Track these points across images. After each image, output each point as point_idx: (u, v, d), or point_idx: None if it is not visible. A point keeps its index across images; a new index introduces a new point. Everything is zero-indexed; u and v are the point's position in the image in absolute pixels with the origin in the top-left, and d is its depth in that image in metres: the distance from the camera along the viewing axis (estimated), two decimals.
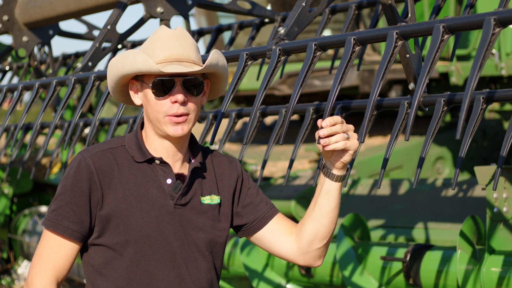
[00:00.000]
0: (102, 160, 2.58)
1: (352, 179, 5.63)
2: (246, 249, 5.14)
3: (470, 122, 2.89)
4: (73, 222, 2.55)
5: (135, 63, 2.54)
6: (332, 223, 2.66)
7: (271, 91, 7.18)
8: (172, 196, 2.59)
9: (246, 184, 2.76)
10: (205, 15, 8.06)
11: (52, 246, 2.57)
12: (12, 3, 5.17)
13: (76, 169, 2.57)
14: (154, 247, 2.56)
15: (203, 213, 2.63)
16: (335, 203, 2.63)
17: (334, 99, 3.05)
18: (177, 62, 2.55)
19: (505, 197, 4.12)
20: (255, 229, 2.74)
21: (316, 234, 2.66)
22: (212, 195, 2.66)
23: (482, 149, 7.35)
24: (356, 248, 4.66)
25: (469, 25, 2.80)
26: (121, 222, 2.55)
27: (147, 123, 2.63)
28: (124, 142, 2.64)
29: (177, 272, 2.57)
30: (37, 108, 7.68)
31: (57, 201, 2.58)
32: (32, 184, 8.50)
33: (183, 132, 2.57)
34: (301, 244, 2.69)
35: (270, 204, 2.78)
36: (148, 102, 2.58)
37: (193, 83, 2.57)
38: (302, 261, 2.72)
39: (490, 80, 7.22)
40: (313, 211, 2.66)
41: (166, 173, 2.60)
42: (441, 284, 4.28)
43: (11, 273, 8.28)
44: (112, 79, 2.64)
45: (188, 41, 2.59)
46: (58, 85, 4.53)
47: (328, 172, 2.61)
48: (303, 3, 3.52)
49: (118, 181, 2.57)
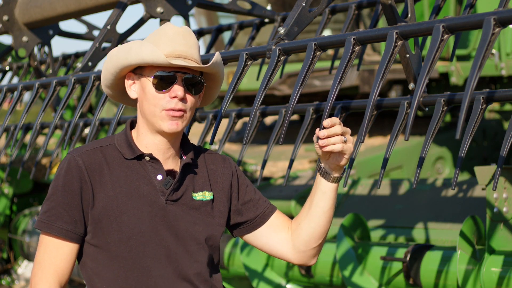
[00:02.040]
0: (92, 158, 2.58)
1: (352, 179, 5.63)
2: (246, 249, 5.14)
3: (470, 122, 2.89)
4: (67, 222, 2.54)
5: (141, 53, 2.53)
6: (328, 223, 2.68)
7: (271, 91, 7.18)
8: (163, 191, 2.59)
9: (243, 181, 2.76)
10: (205, 15, 8.06)
11: (51, 250, 2.55)
12: (12, 3, 5.17)
13: (67, 168, 2.56)
14: (148, 243, 2.55)
15: (195, 209, 2.63)
16: (331, 203, 2.65)
17: (334, 99, 3.05)
18: (181, 58, 2.56)
19: (505, 197, 4.12)
20: (256, 225, 2.75)
21: (312, 234, 2.68)
22: (204, 191, 2.66)
23: (482, 149, 7.35)
24: (356, 248, 4.66)
25: (469, 25, 2.80)
26: (113, 220, 2.54)
27: (141, 119, 2.62)
28: (114, 141, 2.64)
29: (174, 267, 2.57)
30: (37, 108, 7.68)
31: (49, 202, 2.56)
32: (32, 184, 8.49)
33: (177, 128, 2.56)
34: (297, 243, 2.71)
35: (268, 202, 2.80)
36: (146, 95, 2.57)
37: (193, 82, 2.58)
38: (296, 259, 2.74)
39: (490, 80, 7.23)
40: (309, 211, 2.68)
41: (156, 169, 2.60)
42: (441, 284, 4.28)
43: (11, 273, 8.27)
44: (110, 71, 2.62)
45: (193, 40, 2.60)
46: (58, 85, 4.53)
47: (325, 173, 2.63)
48: (303, 3, 3.52)
49: (108, 179, 2.57)
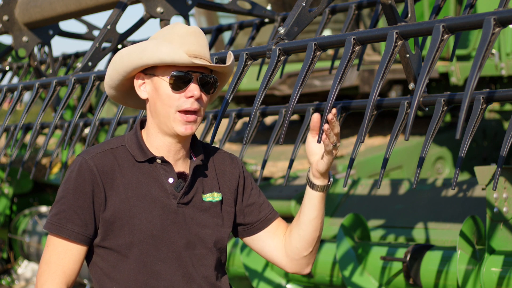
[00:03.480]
0: (104, 161, 2.56)
1: (352, 179, 5.63)
2: (246, 249, 5.14)
3: (470, 122, 2.89)
4: (77, 225, 2.53)
5: (159, 53, 2.50)
6: (315, 231, 2.69)
7: (271, 91, 7.18)
8: (175, 195, 2.58)
9: (248, 183, 2.76)
10: (205, 15, 8.06)
11: (59, 252, 2.54)
12: (12, 3, 5.17)
13: (78, 171, 2.54)
14: (159, 247, 2.55)
15: (205, 211, 2.62)
16: (316, 212, 2.66)
17: (334, 99, 3.05)
18: (195, 57, 2.54)
19: (505, 197, 4.12)
20: (256, 230, 2.75)
21: (301, 241, 2.69)
22: (213, 192, 2.66)
23: (482, 149, 7.35)
24: (356, 248, 4.66)
25: (469, 25, 2.80)
26: (125, 223, 2.53)
27: (151, 120, 2.60)
28: (124, 142, 2.62)
29: (184, 271, 2.56)
30: (37, 108, 7.68)
31: (59, 205, 2.55)
32: (32, 184, 8.49)
33: (191, 131, 2.56)
34: (289, 251, 2.72)
35: (271, 207, 2.80)
36: (160, 95, 2.55)
37: (208, 81, 2.57)
38: (290, 268, 2.75)
39: (490, 80, 7.22)
40: (298, 219, 2.70)
41: (168, 172, 2.59)
42: (441, 284, 4.27)
43: (11, 273, 8.27)
44: (119, 72, 2.59)
45: (204, 40, 2.59)
46: (58, 85, 4.52)
47: (311, 183, 2.65)
48: (303, 3, 3.52)
49: (120, 182, 2.55)
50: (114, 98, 2.70)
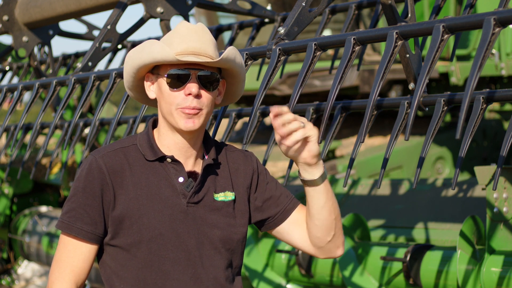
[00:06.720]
0: (113, 160, 2.57)
1: (352, 179, 5.63)
2: (246, 249, 5.14)
3: (470, 122, 2.89)
4: (87, 224, 2.54)
5: (152, 52, 2.53)
6: (330, 214, 2.62)
7: (271, 91, 7.19)
8: (184, 194, 2.57)
9: (263, 178, 2.72)
10: (205, 15, 8.06)
11: (69, 250, 2.56)
12: (12, 3, 5.17)
13: (88, 170, 2.56)
14: (167, 246, 2.54)
15: (216, 210, 2.61)
16: (324, 199, 2.59)
17: (334, 99, 3.05)
18: (194, 55, 2.53)
19: (505, 197, 4.12)
20: (278, 222, 2.71)
21: (320, 230, 2.64)
22: (226, 191, 2.64)
23: (482, 149, 7.36)
24: (356, 248, 4.66)
25: (469, 25, 2.80)
26: (134, 222, 2.53)
27: (161, 118, 2.61)
28: (136, 141, 2.62)
29: (193, 271, 2.55)
30: (37, 108, 7.69)
31: (70, 203, 2.56)
32: (32, 184, 8.50)
33: (194, 125, 2.54)
34: (313, 241, 2.68)
35: (291, 196, 2.74)
36: (162, 94, 2.56)
37: (208, 78, 2.55)
38: (321, 255, 2.70)
39: (490, 80, 7.23)
40: (308, 211, 2.65)
41: (178, 172, 2.58)
42: (441, 284, 4.27)
43: (11, 273, 8.28)
44: (129, 73, 2.61)
45: (207, 36, 2.57)
46: (58, 85, 4.53)
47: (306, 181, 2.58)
48: (303, 3, 3.52)
49: (130, 181, 2.55)
50: (136, 98, 2.73)
